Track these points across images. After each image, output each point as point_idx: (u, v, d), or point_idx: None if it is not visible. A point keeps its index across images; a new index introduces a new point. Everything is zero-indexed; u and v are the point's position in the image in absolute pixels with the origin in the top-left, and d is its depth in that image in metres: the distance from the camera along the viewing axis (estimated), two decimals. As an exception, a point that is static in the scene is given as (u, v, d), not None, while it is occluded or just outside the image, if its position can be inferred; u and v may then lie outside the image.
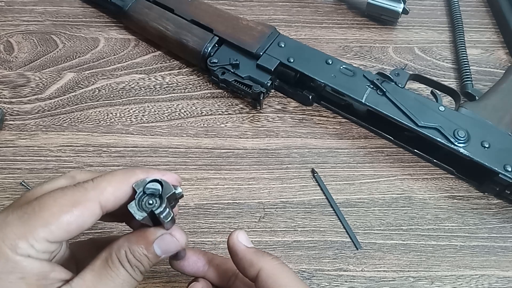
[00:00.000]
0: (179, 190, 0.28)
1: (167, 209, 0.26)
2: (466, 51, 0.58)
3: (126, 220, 0.33)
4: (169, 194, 0.26)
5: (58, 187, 0.28)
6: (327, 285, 0.42)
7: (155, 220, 0.28)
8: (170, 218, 0.27)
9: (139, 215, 0.26)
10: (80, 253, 0.32)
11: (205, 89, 0.55)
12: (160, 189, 0.26)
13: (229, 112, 0.53)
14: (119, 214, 0.29)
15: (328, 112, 0.54)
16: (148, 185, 0.27)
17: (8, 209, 0.27)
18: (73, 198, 0.27)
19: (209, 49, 0.53)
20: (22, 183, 0.47)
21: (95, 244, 0.34)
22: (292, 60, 0.52)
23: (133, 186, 0.27)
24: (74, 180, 0.30)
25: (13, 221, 0.26)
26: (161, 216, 0.26)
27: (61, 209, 0.26)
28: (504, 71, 0.54)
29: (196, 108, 0.53)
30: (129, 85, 0.55)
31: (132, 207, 0.26)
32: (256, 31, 0.54)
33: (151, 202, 0.26)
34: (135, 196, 0.26)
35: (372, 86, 0.50)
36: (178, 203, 0.30)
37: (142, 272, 0.29)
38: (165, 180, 0.27)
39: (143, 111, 0.53)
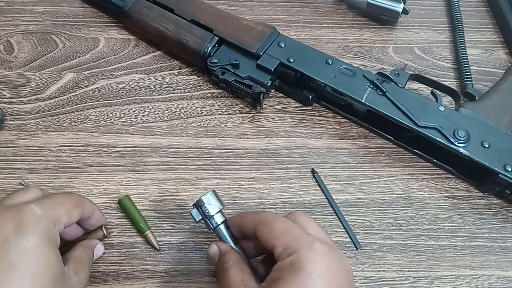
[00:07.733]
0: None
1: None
2: (466, 51, 0.58)
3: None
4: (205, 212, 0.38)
5: None
6: (327, 285, 0.42)
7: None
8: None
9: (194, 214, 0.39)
10: None
11: (205, 89, 0.55)
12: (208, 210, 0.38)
13: (229, 112, 0.53)
14: None
15: (328, 112, 0.54)
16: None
17: None
18: None
19: (209, 49, 0.53)
20: (22, 183, 0.47)
21: None
22: (292, 60, 0.52)
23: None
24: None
25: None
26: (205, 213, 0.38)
27: None
28: (504, 71, 0.54)
29: (196, 108, 0.53)
30: (129, 85, 0.55)
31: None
32: (256, 31, 0.54)
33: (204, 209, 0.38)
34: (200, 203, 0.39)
35: (372, 86, 0.50)
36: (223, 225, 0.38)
37: None
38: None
39: (143, 111, 0.53)
